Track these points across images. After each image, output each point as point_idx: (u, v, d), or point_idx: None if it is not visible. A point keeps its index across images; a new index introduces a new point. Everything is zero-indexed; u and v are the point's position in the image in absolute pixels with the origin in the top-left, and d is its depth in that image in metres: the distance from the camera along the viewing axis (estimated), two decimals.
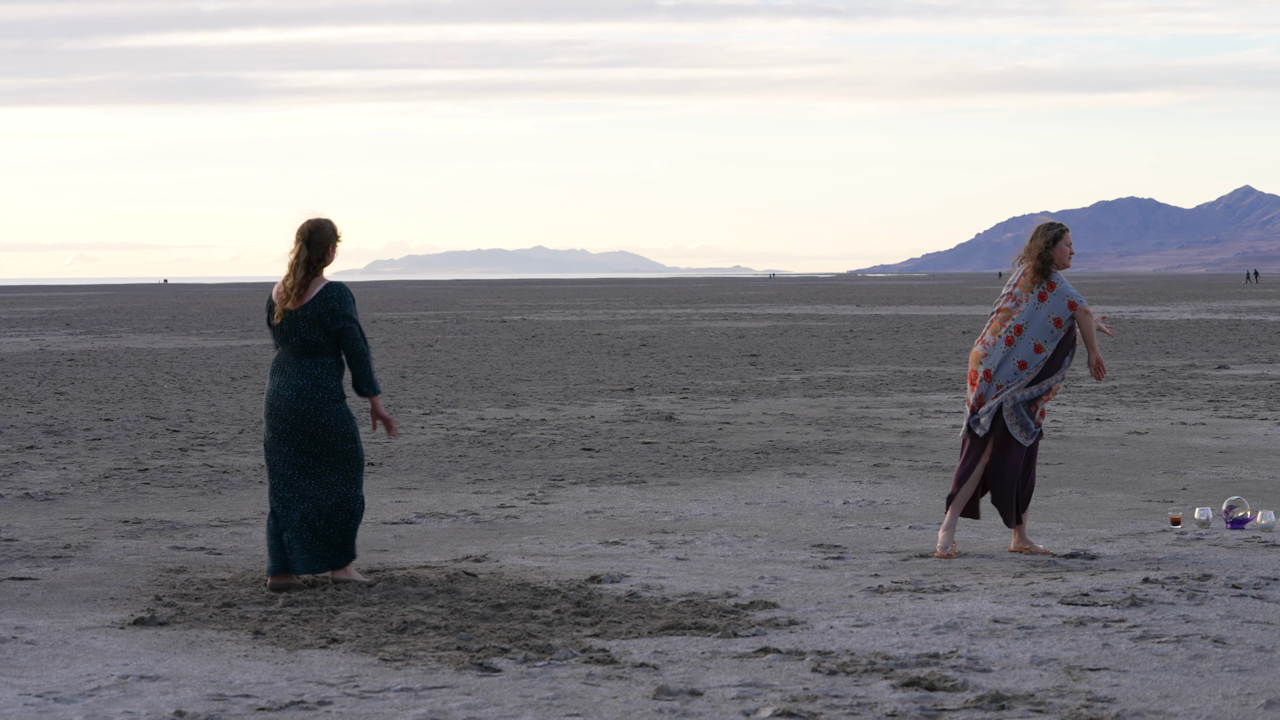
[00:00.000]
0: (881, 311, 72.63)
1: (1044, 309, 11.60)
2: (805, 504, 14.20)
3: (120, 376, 31.35)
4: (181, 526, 13.00)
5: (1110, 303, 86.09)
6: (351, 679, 7.99)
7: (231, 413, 23.18)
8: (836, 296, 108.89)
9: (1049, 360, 11.59)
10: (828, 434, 20.03)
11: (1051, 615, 9.37)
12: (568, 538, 12.44)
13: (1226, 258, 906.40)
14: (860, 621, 9.27)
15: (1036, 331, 11.58)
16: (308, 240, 10.51)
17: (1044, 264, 11.65)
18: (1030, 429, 11.58)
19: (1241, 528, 12.72)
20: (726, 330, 52.68)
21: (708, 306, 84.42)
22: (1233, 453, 17.88)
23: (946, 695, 7.60)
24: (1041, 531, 12.62)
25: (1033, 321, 11.58)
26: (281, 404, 10.43)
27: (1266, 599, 9.85)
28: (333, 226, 10.55)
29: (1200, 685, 7.79)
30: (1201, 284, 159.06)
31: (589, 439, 19.52)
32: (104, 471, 16.51)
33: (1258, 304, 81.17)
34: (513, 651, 8.53)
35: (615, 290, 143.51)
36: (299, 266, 10.47)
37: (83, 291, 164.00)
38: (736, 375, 31.14)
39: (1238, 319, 59.59)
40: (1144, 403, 24.21)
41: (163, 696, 7.65)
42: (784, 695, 7.62)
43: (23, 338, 49.97)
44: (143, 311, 79.85)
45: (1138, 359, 35.54)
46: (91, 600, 10.02)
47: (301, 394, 10.39)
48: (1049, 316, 11.59)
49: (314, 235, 10.52)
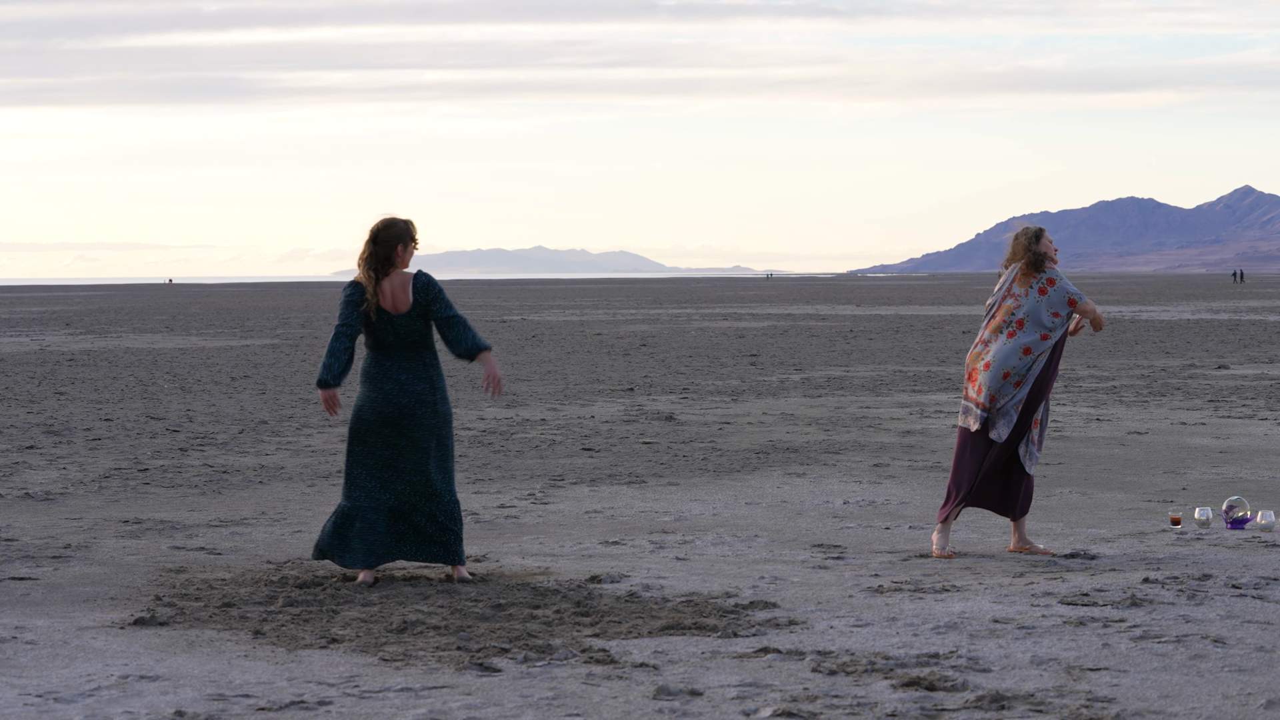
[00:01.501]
0: (881, 311, 72.62)
1: (1044, 301, 11.63)
2: (805, 504, 14.20)
3: (120, 376, 31.35)
4: (181, 526, 13.00)
5: (1110, 302, 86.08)
6: (351, 679, 7.98)
7: (231, 413, 23.18)
8: (836, 296, 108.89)
9: (1052, 351, 11.62)
10: (828, 434, 20.03)
11: (1051, 615, 9.37)
12: (568, 538, 12.44)
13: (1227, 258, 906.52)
14: (860, 621, 9.27)
15: (1038, 323, 11.62)
16: (374, 238, 10.62)
17: (1037, 258, 11.69)
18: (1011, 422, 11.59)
19: (1241, 528, 12.72)
20: (726, 330, 52.68)
21: (708, 306, 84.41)
22: (1233, 453, 17.88)
23: (946, 695, 7.60)
24: (1041, 531, 12.62)
25: (1034, 314, 11.62)
26: (406, 400, 10.53)
27: (1267, 599, 9.85)
28: (401, 226, 10.60)
29: (1200, 685, 7.79)
30: (1202, 284, 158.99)
31: (589, 439, 19.52)
32: (104, 471, 16.51)
33: (1258, 304, 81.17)
34: (513, 651, 8.53)
35: (615, 290, 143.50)
36: (365, 265, 10.55)
37: (84, 291, 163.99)
38: (736, 375, 31.14)
39: (1238, 319, 59.59)
40: (1144, 403, 24.21)
41: (163, 696, 7.65)
42: (784, 695, 7.62)
43: (23, 338, 49.97)
44: (142, 311, 79.85)
45: (1138, 359, 35.54)
46: (91, 600, 10.02)
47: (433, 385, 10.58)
48: (1049, 310, 11.62)
49: (380, 234, 10.61)
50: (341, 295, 10.62)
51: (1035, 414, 11.64)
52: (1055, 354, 11.71)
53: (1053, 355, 11.69)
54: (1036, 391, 11.62)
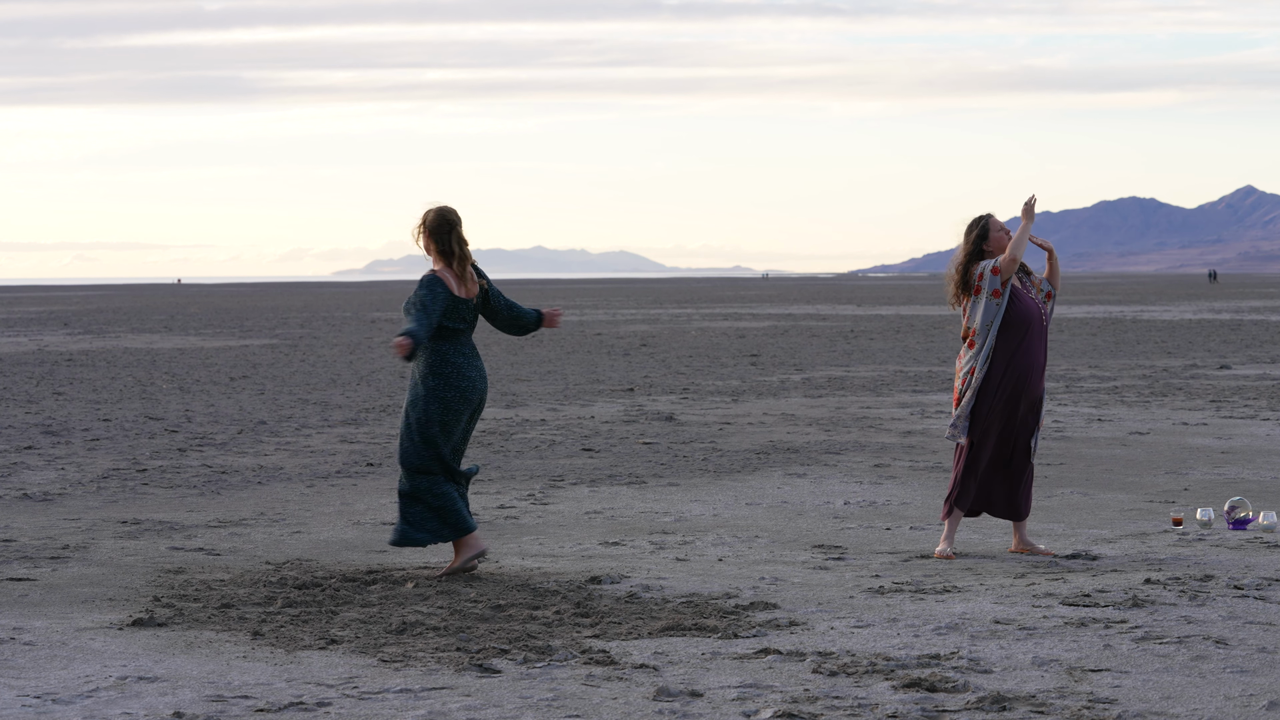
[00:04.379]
0: (882, 311, 72.62)
1: (981, 297, 11.52)
2: (806, 505, 14.18)
3: (119, 377, 31.34)
4: (180, 527, 12.98)
5: (1112, 302, 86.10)
6: (351, 680, 7.96)
7: (230, 413, 23.16)
8: (837, 296, 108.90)
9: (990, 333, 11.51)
10: (828, 434, 20.01)
11: (1053, 616, 9.35)
12: (568, 538, 12.42)
13: (1229, 257, 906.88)
14: (861, 622, 9.25)
15: (985, 316, 11.50)
16: (431, 231, 10.90)
17: (964, 277, 11.63)
18: (959, 426, 11.54)
19: (1243, 528, 12.70)
20: (727, 330, 52.67)
21: (708, 306, 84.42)
22: (1234, 453, 17.86)
23: (947, 696, 7.58)
24: (1043, 532, 12.59)
25: (976, 313, 11.51)
26: (484, 384, 10.93)
27: (1268, 600, 9.83)
28: (443, 215, 10.84)
29: (1202, 686, 7.77)
30: (1202, 284, 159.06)
31: (589, 439, 19.50)
32: (102, 472, 16.49)
33: (1259, 304, 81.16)
34: (512, 652, 8.51)
35: (615, 290, 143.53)
36: (443, 255, 10.87)
37: (85, 291, 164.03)
38: (737, 375, 31.12)
39: (1240, 319, 59.57)
40: (1145, 403, 24.19)
41: (161, 698, 7.63)
42: (784, 696, 7.59)
43: (21, 338, 49.96)
44: (141, 311, 79.86)
45: (1139, 359, 35.53)
46: (90, 601, 10.00)
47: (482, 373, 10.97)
48: (987, 297, 11.50)
49: (433, 226, 10.87)
50: (424, 286, 10.72)
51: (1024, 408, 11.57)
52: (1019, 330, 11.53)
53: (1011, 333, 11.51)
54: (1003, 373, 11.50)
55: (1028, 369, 11.53)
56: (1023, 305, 11.55)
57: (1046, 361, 11.75)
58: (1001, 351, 11.53)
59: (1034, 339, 11.56)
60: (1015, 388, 11.52)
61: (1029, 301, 11.60)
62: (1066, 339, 44.67)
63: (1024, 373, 11.53)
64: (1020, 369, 11.52)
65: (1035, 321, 11.57)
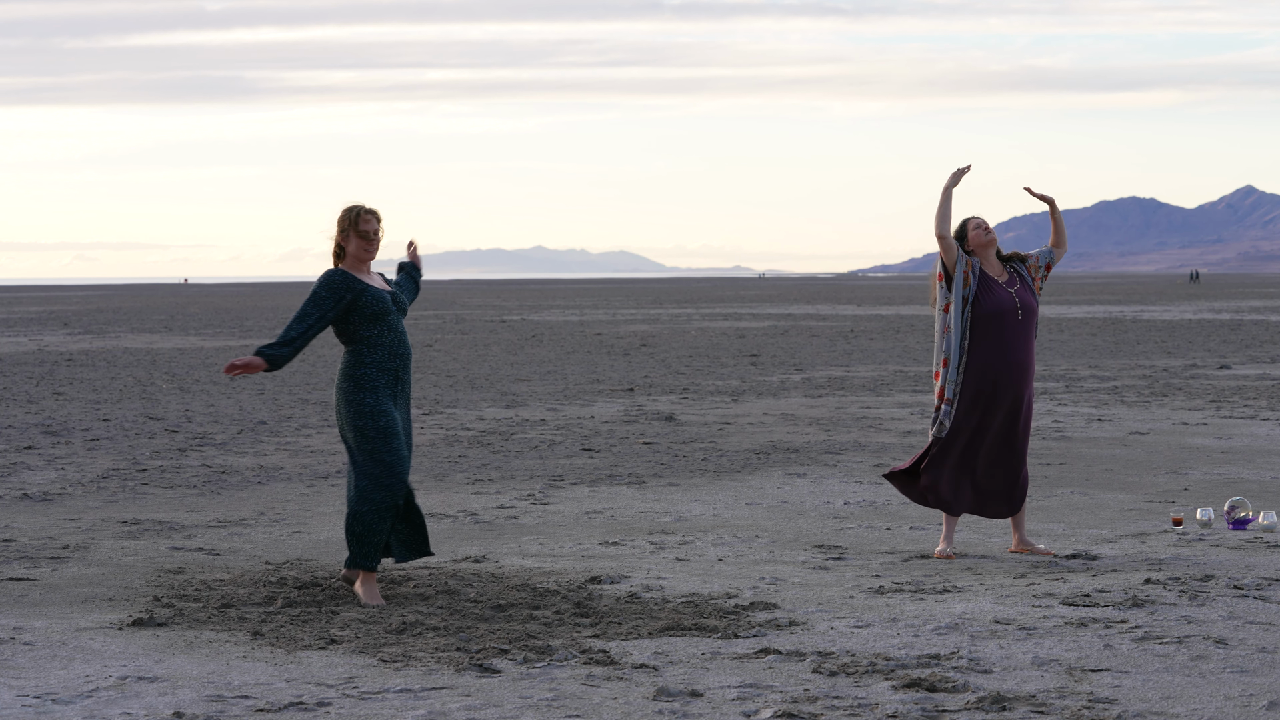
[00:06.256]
0: (882, 311, 72.61)
1: (951, 294, 11.46)
2: (806, 504, 14.18)
3: (119, 377, 31.33)
4: (180, 527, 12.98)
5: (1112, 302, 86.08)
6: (350, 680, 7.96)
7: (230, 413, 23.15)
8: (837, 296, 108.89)
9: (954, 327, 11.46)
10: (828, 434, 20.01)
11: (1053, 616, 9.35)
12: (567, 538, 12.42)
13: (1229, 257, 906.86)
14: (861, 622, 9.25)
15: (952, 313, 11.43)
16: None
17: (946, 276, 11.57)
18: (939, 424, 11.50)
19: (1243, 528, 12.70)
20: (727, 330, 52.67)
21: (708, 306, 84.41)
22: (1235, 453, 17.86)
23: (947, 696, 7.58)
24: (1043, 532, 12.59)
25: (940, 318, 11.48)
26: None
27: (1268, 600, 9.83)
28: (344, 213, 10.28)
29: (1202, 686, 7.77)
30: (1202, 283, 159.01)
31: (589, 439, 19.50)
32: (102, 472, 16.49)
33: (1259, 304, 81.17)
34: (512, 652, 8.51)
35: (615, 290, 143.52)
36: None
37: (85, 291, 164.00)
38: (737, 375, 31.12)
39: (1240, 319, 59.57)
40: (1145, 403, 24.19)
41: (161, 698, 7.63)
42: (784, 696, 7.59)
43: (21, 338, 49.96)
44: (141, 311, 79.85)
45: (1139, 359, 35.53)
46: (90, 601, 10.00)
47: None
48: (944, 297, 11.44)
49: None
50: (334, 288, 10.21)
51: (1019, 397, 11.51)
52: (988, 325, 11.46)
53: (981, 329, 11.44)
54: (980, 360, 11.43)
55: (1001, 367, 11.34)
56: (993, 298, 11.39)
57: (1030, 359, 11.47)
58: (974, 350, 11.40)
59: (1010, 334, 11.35)
60: (984, 386, 11.37)
61: (1001, 294, 11.43)
62: (1066, 339, 44.67)
63: (996, 371, 11.35)
64: (993, 367, 11.37)
65: (1009, 314, 11.39)
